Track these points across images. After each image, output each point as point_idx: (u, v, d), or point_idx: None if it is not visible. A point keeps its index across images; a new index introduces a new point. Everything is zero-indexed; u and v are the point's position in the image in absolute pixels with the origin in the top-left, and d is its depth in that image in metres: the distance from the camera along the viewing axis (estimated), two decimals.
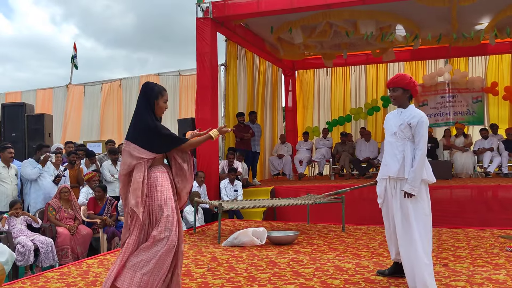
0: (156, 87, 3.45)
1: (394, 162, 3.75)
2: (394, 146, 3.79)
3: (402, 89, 3.84)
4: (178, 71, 12.19)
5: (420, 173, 3.63)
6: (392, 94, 3.88)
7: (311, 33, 9.82)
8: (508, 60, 12.28)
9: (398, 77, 3.90)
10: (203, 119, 8.89)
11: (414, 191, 3.61)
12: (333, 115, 13.58)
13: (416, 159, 3.64)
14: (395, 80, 3.88)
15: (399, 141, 3.77)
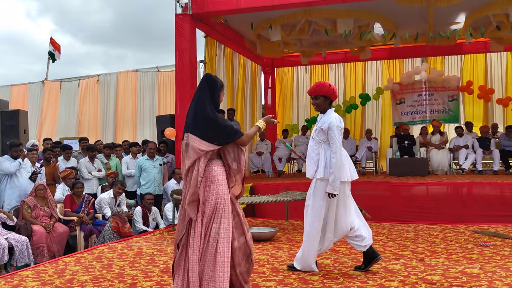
0: (218, 79, 3.47)
1: (312, 164, 4.07)
2: (312, 149, 4.12)
3: (323, 96, 4.11)
4: (157, 68, 12.08)
5: (338, 175, 3.89)
6: (314, 101, 4.15)
7: (290, 31, 9.84)
8: (483, 59, 12.52)
9: (319, 86, 4.14)
10: (182, 116, 8.83)
11: (335, 191, 3.91)
12: (312, 113, 13.64)
13: (332, 162, 3.91)
14: (316, 89, 4.13)
15: (315, 144, 4.10)
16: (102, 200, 7.25)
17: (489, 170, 10.08)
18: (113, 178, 7.87)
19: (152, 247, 5.40)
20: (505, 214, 7.41)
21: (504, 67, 12.37)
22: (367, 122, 13.39)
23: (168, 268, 4.40)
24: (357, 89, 13.38)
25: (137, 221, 7.13)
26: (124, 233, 6.50)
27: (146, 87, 12.26)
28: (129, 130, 12.32)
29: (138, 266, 4.50)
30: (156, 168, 7.90)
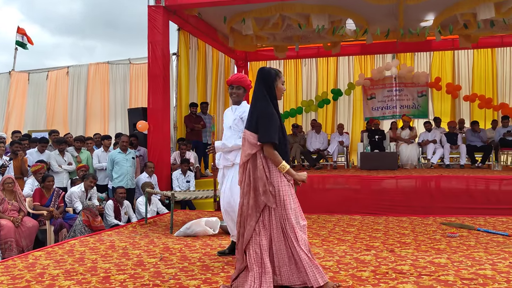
0: (272, 70, 3.43)
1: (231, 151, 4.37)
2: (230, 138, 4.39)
3: (244, 88, 4.35)
4: (129, 60, 11.90)
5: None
6: (236, 91, 4.32)
7: (264, 25, 9.86)
8: (451, 57, 12.84)
9: (243, 78, 4.37)
10: (154, 109, 8.76)
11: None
12: (285, 107, 13.73)
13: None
14: (241, 79, 4.34)
15: (234, 134, 4.35)
16: (72, 193, 7.14)
17: (456, 164, 10.37)
18: (84, 172, 7.75)
19: (124, 241, 5.35)
20: (471, 207, 7.65)
21: (471, 65, 12.73)
22: (339, 117, 13.56)
23: (141, 261, 4.38)
24: (329, 84, 13.52)
25: (109, 215, 7.05)
26: (96, 227, 6.41)
27: (117, 80, 12.06)
28: (99, 123, 12.12)
29: (111, 260, 4.46)
30: (129, 162, 7.82)
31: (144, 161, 8.72)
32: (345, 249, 4.79)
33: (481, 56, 12.61)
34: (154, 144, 8.73)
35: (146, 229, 6.20)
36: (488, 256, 4.41)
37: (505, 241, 5.10)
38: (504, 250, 4.67)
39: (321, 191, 8.74)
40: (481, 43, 11.48)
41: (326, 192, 8.71)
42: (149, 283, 3.67)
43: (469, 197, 7.93)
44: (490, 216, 6.92)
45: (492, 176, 8.20)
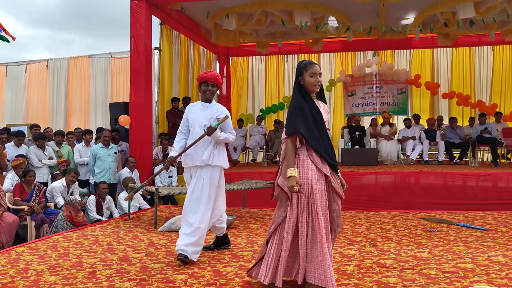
0: (302, 63, 3.37)
1: (204, 151, 4.19)
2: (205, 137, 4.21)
3: (217, 87, 4.35)
4: (110, 54, 11.77)
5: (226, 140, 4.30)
6: (211, 89, 4.26)
7: (247, 20, 9.86)
8: (430, 54, 13.07)
9: (218, 76, 4.37)
10: (137, 103, 8.70)
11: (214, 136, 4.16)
12: (267, 103, 13.78)
13: (230, 136, 4.32)
14: (218, 77, 4.33)
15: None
16: (54, 188, 7.06)
17: (434, 160, 10.57)
18: (65, 167, 7.66)
19: (109, 236, 5.32)
20: (450, 202, 7.83)
21: (449, 63, 12.97)
22: None
23: (127, 256, 4.37)
24: None
25: (91, 210, 6.99)
26: (78, 222, 6.36)
27: (98, 74, 11.92)
28: (80, 117, 11.97)
29: (96, 255, 4.44)
30: (111, 157, 7.76)
31: (125, 156, 8.67)
32: None
33: (459, 54, 12.87)
34: (136, 139, 8.67)
35: (130, 224, 6.18)
36: (467, 250, 4.53)
37: (483, 235, 5.25)
38: (483, 244, 4.81)
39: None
40: (459, 41, 11.71)
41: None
42: (136, 277, 3.67)
43: (447, 193, 8.12)
44: (468, 211, 7.11)
45: (469, 172, 8.40)
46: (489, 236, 5.21)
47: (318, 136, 3.25)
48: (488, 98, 12.66)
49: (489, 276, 3.64)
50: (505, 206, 7.75)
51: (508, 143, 10.09)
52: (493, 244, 4.82)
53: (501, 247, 4.65)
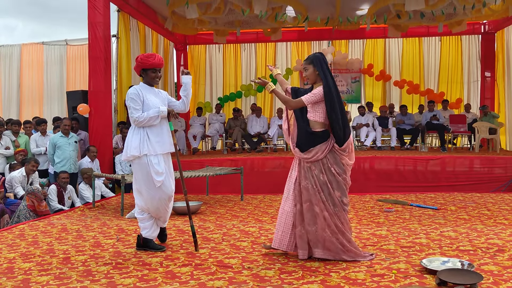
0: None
1: (170, 138, 4.21)
2: (164, 122, 4.14)
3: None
4: (65, 41, 11.46)
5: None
6: (159, 74, 4.19)
7: (206, 9, 9.90)
8: (382, 44, 13.55)
9: (163, 60, 4.29)
10: (96, 91, 8.59)
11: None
12: (225, 92, 13.88)
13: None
14: (163, 62, 4.26)
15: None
16: (13, 178, 6.93)
17: (387, 146, 11.05)
18: (23, 156, 7.52)
19: (76, 224, 5.34)
20: (403, 185, 8.29)
21: (400, 52, 13.50)
22: (278, 101, 13.91)
23: (99, 242, 4.43)
24: (268, 69, 13.76)
25: (52, 199, 6.91)
26: (41, 211, 6.28)
27: (53, 61, 11.59)
28: (34, 106, 11.63)
29: (67, 242, 4.47)
30: (71, 146, 7.66)
31: (85, 145, 8.57)
32: None
33: (409, 44, 13.42)
34: (95, 128, 8.58)
35: (95, 212, 6.19)
36: (421, 227, 4.90)
37: (435, 214, 5.65)
38: (435, 221, 5.20)
39: (263, 173, 9.05)
40: (409, 32, 12.22)
41: (268, 174, 9.04)
42: (112, 261, 3.76)
43: (400, 176, 8.58)
44: (420, 192, 7.57)
45: (419, 157, 8.89)
46: (440, 214, 5.62)
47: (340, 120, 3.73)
48: (436, 87, 13.31)
49: (442, 249, 3.98)
50: (453, 188, 8.30)
51: (454, 129, 10.72)
52: (444, 221, 5.22)
53: (451, 224, 5.05)
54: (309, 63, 3.77)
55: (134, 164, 4.06)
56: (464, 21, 10.91)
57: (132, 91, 4.08)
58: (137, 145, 3.99)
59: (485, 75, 12.97)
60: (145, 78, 4.17)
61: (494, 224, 4.99)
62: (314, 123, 3.71)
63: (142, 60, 4.10)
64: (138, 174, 4.06)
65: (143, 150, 3.98)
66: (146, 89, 4.15)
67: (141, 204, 4.16)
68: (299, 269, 3.44)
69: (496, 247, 3.98)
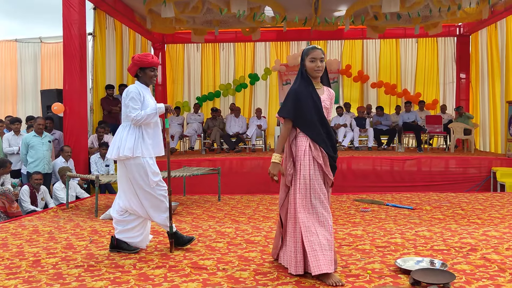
0: (305, 48, 3.35)
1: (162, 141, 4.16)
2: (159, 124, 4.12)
3: None
4: (40, 39, 11.23)
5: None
6: (157, 73, 4.13)
7: (184, 8, 9.82)
8: (360, 46, 13.65)
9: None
10: (71, 90, 8.43)
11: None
12: (203, 91, 13.80)
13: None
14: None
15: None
16: None
17: (364, 146, 11.14)
18: None
19: (48, 225, 5.22)
20: (379, 185, 8.37)
21: (378, 54, 13.63)
22: (256, 101, 13.91)
23: (71, 244, 4.33)
24: (246, 69, 13.79)
25: (25, 200, 6.76)
26: (12, 213, 6.14)
27: (27, 59, 11.35)
28: (7, 105, 11.37)
29: (38, 244, 4.36)
30: (45, 145, 7.50)
31: (59, 145, 8.41)
32: (271, 225, 5.07)
33: (386, 46, 13.56)
34: (70, 127, 8.43)
35: (69, 213, 6.07)
36: (397, 227, 4.93)
37: (410, 214, 5.70)
38: (410, 221, 5.24)
39: (241, 173, 9.03)
40: (387, 34, 12.34)
41: (246, 174, 9.02)
42: (84, 264, 3.68)
43: (377, 176, 8.66)
44: (396, 192, 7.63)
45: (396, 157, 8.99)
46: (415, 214, 5.67)
47: (311, 122, 3.25)
48: (413, 88, 13.47)
49: (417, 248, 4.00)
50: (428, 187, 8.42)
51: (430, 129, 10.86)
52: (419, 221, 5.27)
53: (426, 223, 5.10)
54: (323, 54, 3.36)
55: (129, 165, 3.92)
56: (439, 23, 11.07)
57: (134, 90, 3.97)
58: (131, 145, 3.89)
59: (460, 76, 13.19)
60: (142, 77, 4.06)
61: (467, 224, 5.06)
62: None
63: (140, 58, 4.01)
64: (135, 174, 3.93)
65: (136, 151, 3.90)
66: (145, 90, 4.07)
67: (125, 205, 4.02)
68: (274, 270, 3.42)
69: (469, 246, 4.03)
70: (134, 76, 4.12)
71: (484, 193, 7.47)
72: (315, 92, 3.31)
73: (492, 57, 11.42)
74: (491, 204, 6.29)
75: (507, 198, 6.77)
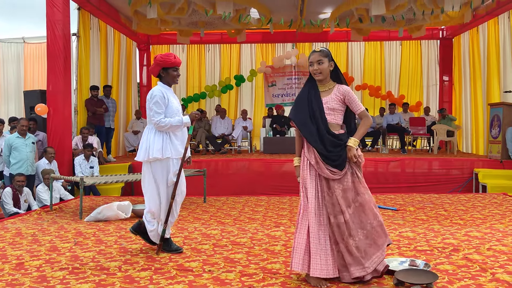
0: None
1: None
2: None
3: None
4: (23, 39, 11.09)
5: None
6: (179, 73, 4.12)
7: (169, 9, 9.79)
8: (345, 48, 13.76)
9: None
10: (55, 91, 8.34)
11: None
12: (189, 92, 13.77)
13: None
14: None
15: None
16: None
17: None
18: None
19: (32, 228, 5.16)
20: None
21: (362, 56, 13.75)
22: (242, 103, 13.93)
23: (55, 246, 4.29)
24: (232, 71, 13.81)
25: (7, 203, 6.67)
26: None
27: (10, 59, 11.19)
28: None
29: (21, 247, 4.31)
30: (29, 147, 7.41)
31: (43, 146, 8.32)
32: (256, 227, 5.09)
33: (371, 48, 13.69)
34: (54, 129, 8.34)
35: (53, 215, 6.00)
36: None
37: (394, 215, 5.77)
38: (394, 222, 5.30)
39: (227, 175, 9.04)
40: (371, 36, 12.46)
41: (232, 176, 9.03)
42: (68, 266, 3.65)
43: None
44: (380, 193, 7.69)
45: (380, 159, 9.08)
46: (399, 215, 5.74)
47: (304, 123, 3.24)
48: (397, 90, 13.62)
49: (400, 249, 4.06)
50: (412, 188, 8.52)
51: (414, 131, 11.00)
52: (403, 222, 5.33)
53: (409, 224, 5.16)
54: (324, 56, 3.26)
55: (155, 165, 3.95)
56: (423, 27, 11.22)
57: (158, 94, 3.95)
58: (160, 147, 3.93)
59: (443, 79, 13.37)
60: (165, 77, 4.04)
61: (450, 224, 5.13)
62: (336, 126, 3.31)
63: (163, 58, 3.99)
64: (159, 174, 3.96)
65: (166, 153, 3.94)
66: (168, 91, 4.07)
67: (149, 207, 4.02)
68: (260, 272, 3.44)
69: (452, 246, 4.09)
70: (157, 77, 4.12)
71: (466, 194, 7.59)
72: (315, 94, 3.28)
73: (474, 60, 11.61)
74: (473, 205, 6.40)
75: (488, 199, 6.89)
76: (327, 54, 3.29)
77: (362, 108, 3.30)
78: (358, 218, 3.21)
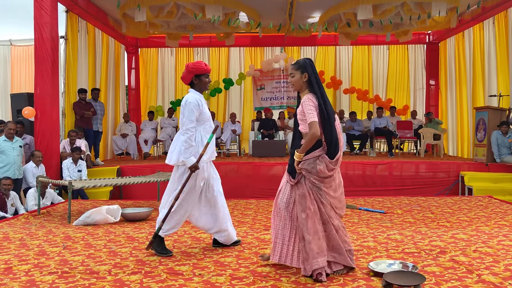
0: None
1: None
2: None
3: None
4: (10, 41, 11.00)
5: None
6: (209, 79, 4.22)
7: (158, 12, 9.79)
8: (333, 52, 13.86)
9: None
10: (42, 94, 8.29)
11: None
12: (177, 96, 13.75)
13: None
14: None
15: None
16: None
17: None
18: None
19: (20, 232, 5.12)
20: (352, 189, 8.47)
21: (350, 60, 13.86)
22: (231, 106, 13.95)
23: (44, 251, 4.27)
24: (221, 74, 13.83)
25: None
26: None
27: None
28: None
29: (9, 251, 4.28)
30: (16, 150, 7.34)
31: (30, 149, 8.25)
32: (246, 230, 5.12)
33: (359, 52, 13.80)
34: (42, 132, 8.29)
35: (41, 219, 5.96)
36: (369, 230, 5.03)
37: (382, 218, 5.83)
38: (382, 225, 5.36)
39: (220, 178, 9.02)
40: (359, 40, 12.57)
41: (221, 179, 8.97)
42: (57, 270, 3.63)
43: (349, 181, 8.77)
44: (368, 196, 7.77)
45: (368, 162, 9.16)
46: (387, 218, 5.80)
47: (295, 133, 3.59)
48: (384, 94, 13.74)
49: (389, 251, 4.11)
50: (399, 191, 8.60)
51: (401, 134, 11.11)
52: (391, 224, 5.39)
53: (397, 227, 5.22)
54: (296, 69, 3.45)
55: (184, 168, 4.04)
56: (410, 31, 11.35)
57: (193, 102, 4.02)
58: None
59: (430, 83, 13.54)
60: (198, 84, 4.15)
61: (437, 227, 5.20)
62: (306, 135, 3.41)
63: (196, 66, 4.10)
64: (191, 180, 4.05)
65: (197, 156, 4.02)
66: (201, 98, 4.15)
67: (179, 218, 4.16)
68: (250, 275, 3.46)
69: (439, 248, 4.16)
70: (189, 84, 4.19)
71: (453, 197, 7.69)
72: (297, 105, 3.57)
73: (459, 65, 11.78)
74: (459, 208, 6.49)
75: (474, 202, 6.99)
76: (299, 66, 3.46)
77: (311, 119, 3.32)
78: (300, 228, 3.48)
